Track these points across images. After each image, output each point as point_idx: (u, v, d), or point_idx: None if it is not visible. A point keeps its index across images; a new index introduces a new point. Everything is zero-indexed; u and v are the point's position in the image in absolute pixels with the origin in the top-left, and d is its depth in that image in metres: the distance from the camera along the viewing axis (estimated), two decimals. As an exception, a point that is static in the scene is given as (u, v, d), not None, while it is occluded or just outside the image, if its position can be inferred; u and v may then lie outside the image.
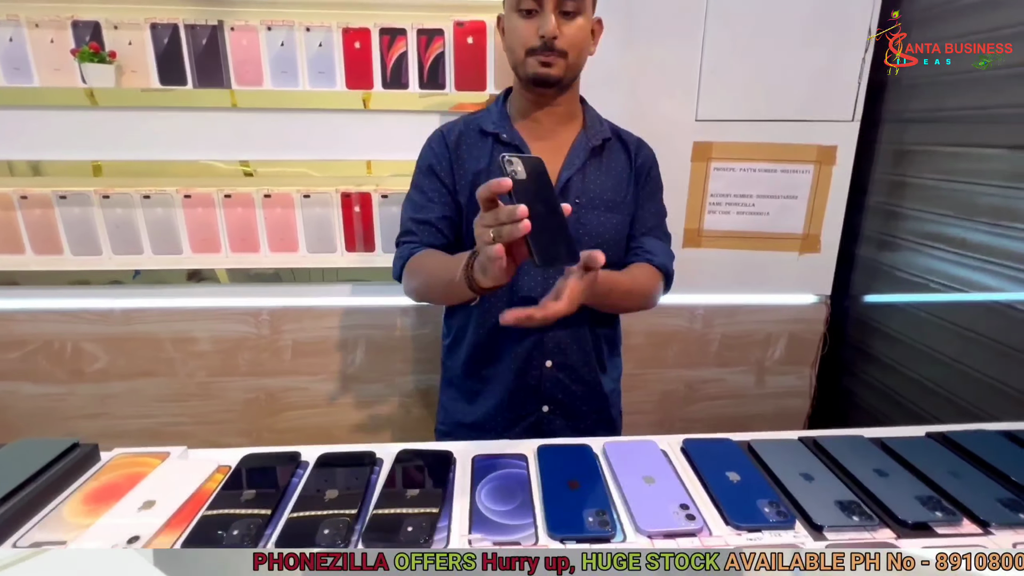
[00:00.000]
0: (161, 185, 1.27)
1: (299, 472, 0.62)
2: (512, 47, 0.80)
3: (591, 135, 0.86)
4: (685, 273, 1.34)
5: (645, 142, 0.92)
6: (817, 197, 1.29)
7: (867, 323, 1.37)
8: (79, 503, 0.57)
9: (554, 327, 0.82)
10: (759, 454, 0.66)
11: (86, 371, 1.32)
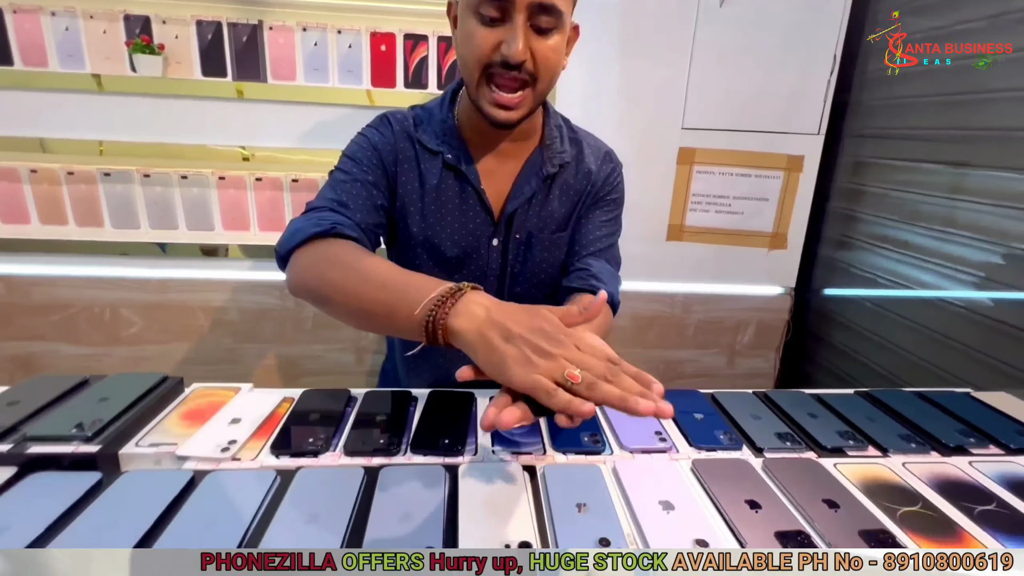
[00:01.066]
0: (197, 167, 1.39)
1: (351, 404, 0.77)
2: (465, 58, 0.64)
3: (548, 157, 0.76)
4: (668, 263, 1.52)
5: (612, 157, 0.82)
6: (785, 200, 1.47)
7: (825, 313, 1.55)
8: (177, 419, 0.71)
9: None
10: (720, 402, 0.82)
11: (122, 335, 1.44)
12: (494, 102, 0.65)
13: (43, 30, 1.27)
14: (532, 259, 0.79)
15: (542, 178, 0.76)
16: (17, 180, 1.36)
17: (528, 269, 0.80)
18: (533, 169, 0.76)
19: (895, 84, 1.29)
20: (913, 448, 0.71)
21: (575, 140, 0.80)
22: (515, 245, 0.79)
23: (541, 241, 0.79)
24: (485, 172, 0.75)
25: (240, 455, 0.64)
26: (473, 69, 0.64)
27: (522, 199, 0.76)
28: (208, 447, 0.63)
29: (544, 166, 0.76)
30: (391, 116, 0.77)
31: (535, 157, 0.76)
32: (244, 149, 1.38)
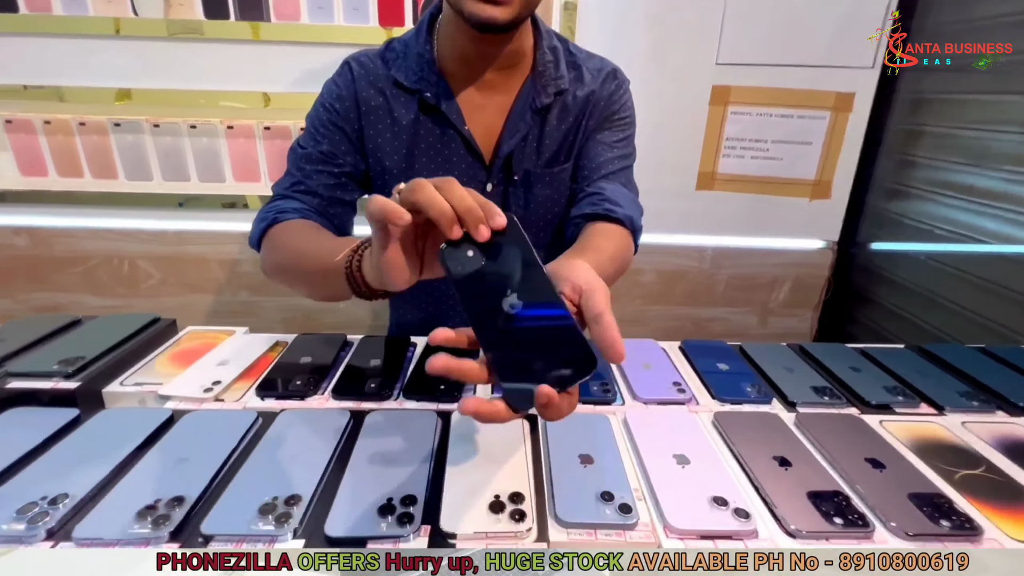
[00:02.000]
0: (206, 116, 1.35)
1: (346, 348, 0.72)
2: None
3: (541, 86, 0.67)
4: (697, 215, 1.41)
5: (617, 74, 0.72)
6: (831, 144, 1.33)
7: (871, 269, 1.42)
8: (166, 360, 0.68)
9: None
10: (748, 353, 0.74)
11: (141, 286, 1.45)
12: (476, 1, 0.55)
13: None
14: (534, 199, 0.72)
15: (535, 110, 0.68)
16: (33, 132, 1.35)
17: (532, 211, 0.73)
18: (526, 102, 0.68)
19: (966, 5, 1.12)
20: (975, 406, 0.62)
21: (574, 64, 0.70)
22: (514, 189, 0.72)
23: (540, 178, 0.71)
24: (470, 110, 0.67)
25: (224, 396, 0.60)
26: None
27: (516, 138, 0.68)
28: (191, 387, 0.60)
29: (538, 97, 0.67)
30: (353, 61, 0.69)
31: (527, 88, 0.68)
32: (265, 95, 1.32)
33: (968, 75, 1.16)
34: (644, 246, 0.79)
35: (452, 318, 0.83)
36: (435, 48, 0.66)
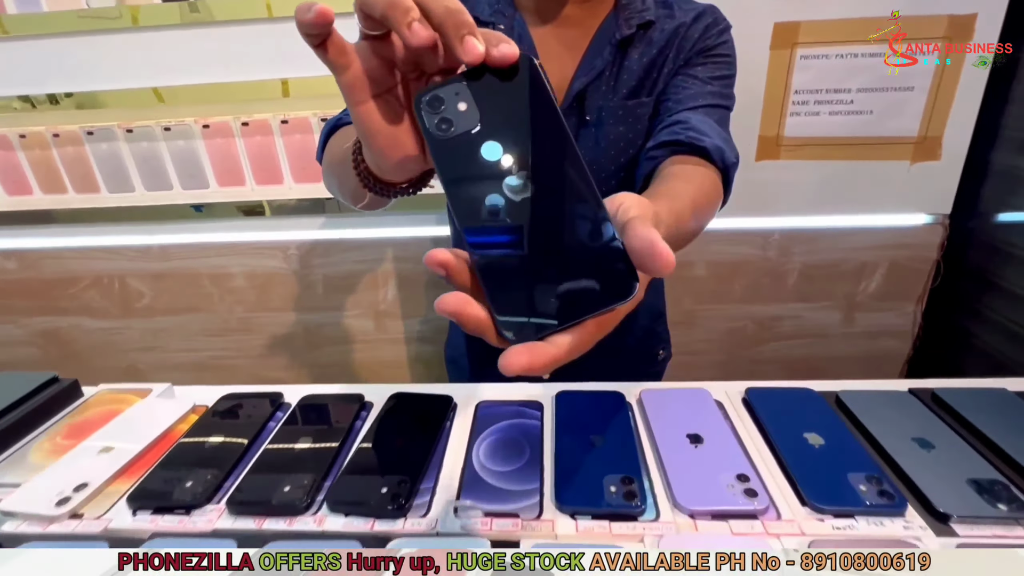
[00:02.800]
0: (180, 115, 1.20)
1: (278, 415, 0.54)
2: None
3: (623, 20, 0.60)
4: (758, 192, 1.13)
5: (716, 10, 0.63)
6: (942, 88, 1.01)
7: (998, 247, 1.09)
8: (48, 443, 0.52)
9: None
10: (851, 410, 0.50)
11: (135, 306, 1.35)
12: None
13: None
14: (605, 138, 0.63)
15: (615, 44, 0.61)
16: (10, 147, 1.26)
17: (603, 152, 0.64)
18: (606, 37, 0.61)
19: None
20: None
21: (663, 3, 0.63)
22: (585, 130, 0.63)
23: (613, 112, 0.62)
24: (545, 44, 0.62)
25: (85, 509, 0.43)
26: None
27: (592, 74, 0.61)
28: (44, 499, 0.44)
29: (619, 30, 0.61)
30: None
31: (608, 23, 0.62)
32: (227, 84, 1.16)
33: None
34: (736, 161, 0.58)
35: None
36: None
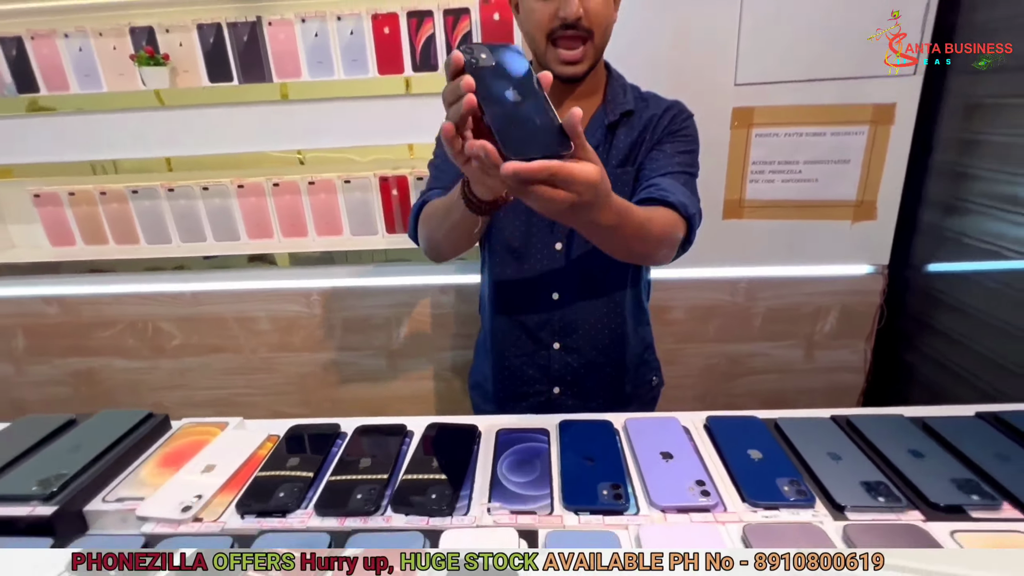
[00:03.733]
0: (217, 177, 1.36)
1: (338, 442, 0.68)
2: (530, 32, 0.74)
3: (609, 110, 0.79)
4: (726, 245, 1.31)
5: (680, 104, 0.82)
6: (873, 160, 1.21)
7: (930, 294, 1.27)
8: (155, 465, 0.65)
9: (563, 302, 0.82)
10: (785, 432, 0.65)
11: (166, 347, 1.47)
12: (561, 59, 0.73)
13: (60, 53, 1.27)
14: None
15: (605, 127, 0.79)
16: (59, 203, 1.40)
17: None
18: (597, 122, 0.79)
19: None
20: (1072, 506, 0.51)
21: (641, 98, 0.82)
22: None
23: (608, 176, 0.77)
24: None
25: (203, 514, 0.56)
26: (539, 38, 0.73)
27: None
28: (169, 506, 0.57)
29: (607, 116, 0.79)
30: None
31: (599, 112, 0.80)
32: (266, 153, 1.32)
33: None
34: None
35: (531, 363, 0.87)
36: None
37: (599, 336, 0.85)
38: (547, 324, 0.85)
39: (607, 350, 0.86)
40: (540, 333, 0.85)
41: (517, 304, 0.86)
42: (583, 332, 0.85)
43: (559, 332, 0.85)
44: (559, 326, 0.85)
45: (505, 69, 0.47)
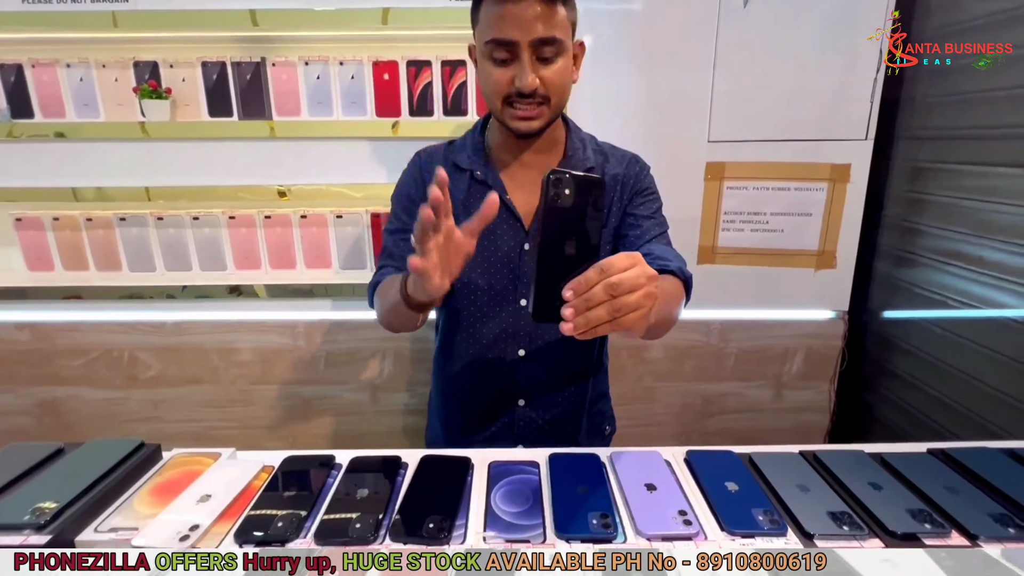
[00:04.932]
0: (208, 207, 1.38)
1: (333, 473, 0.69)
2: (487, 94, 0.75)
3: (571, 167, 0.76)
4: (700, 288, 1.38)
5: (639, 160, 0.86)
6: (832, 214, 1.32)
7: (886, 339, 1.37)
8: (147, 495, 0.65)
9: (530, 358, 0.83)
10: (759, 466, 0.69)
11: (140, 378, 1.44)
12: (516, 116, 0.74)
13: (59, 82, 1.29)
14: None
15: None
16: (41, 228, 1.39)
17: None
18: None
19: (957, 77, 1.13)
20: (1011, 534, 0.57)
21: (600, 151, 0.85)
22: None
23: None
24: (512, 184, 0.82)
25: (201, 543, 0.57)
26: (495, 101, 0.74)
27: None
28: (165, 535, 0.57)
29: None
30: (422, 152, 0.87)
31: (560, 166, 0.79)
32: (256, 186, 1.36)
33: (958, 143, 1.16)
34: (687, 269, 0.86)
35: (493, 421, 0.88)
36: (486, 140, 0.84)
37: (565, 391, 0.87)
38: (512, 382, 0.85)
39: (571, 405, 0.88)
40: (504, 391, 0.86)
41: (480, 362, 0.85)
42: (549, 388, 0.86)
43: (524, 391, 0.86)
44: (524, 384, 0.85)
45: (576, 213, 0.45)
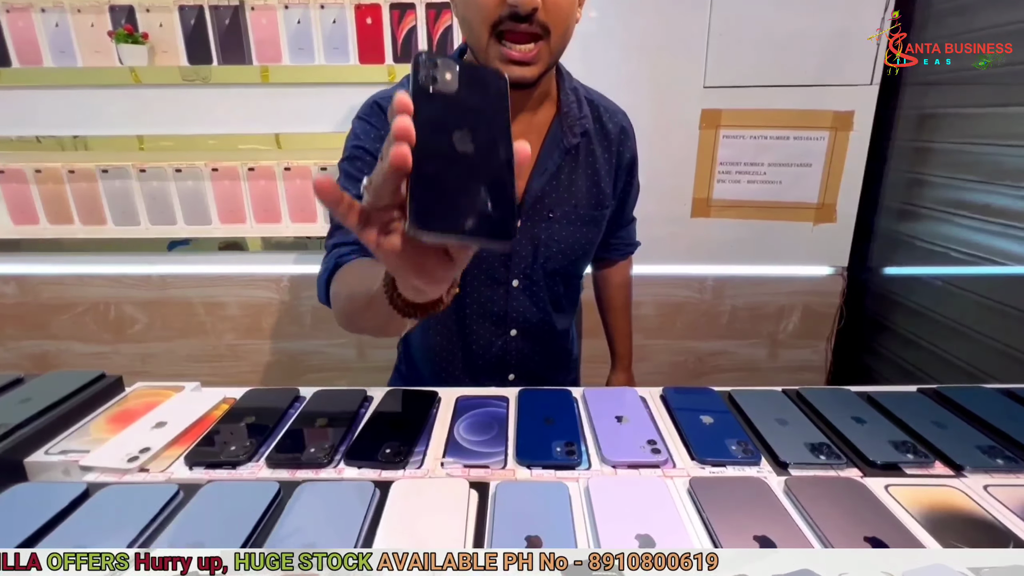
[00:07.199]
0: (191, 159, 1.35)
1: (296, 406, 0.67)
2: (468, 20, 0.58)
3: (567, 128, 0.70)
4: (695, 243, 1.34)
5: (627, 123, 0.78)
6: (832, 165, 1.26)
7: (886, 296, 1.33)
8: (104, 423, 0.64)
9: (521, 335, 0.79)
10: (738, 403, 0.67)
11: (127, 332, 1.43)
12: (507, 58, 0.58)
13: (35, 27, 1.26)
14: (572, 236, 0.74)
15: (565, 150, 0.70)
16: (24, 181, 1.37)
17: (569, 246, 0.75)
18: (555, 141, 0.70)
19: (968, 15, 1.06)
20: (999, 465, 0.54)
21: (591, 102, 0.74)
22: (548, 224, 0.73)
23: (581, 217, 0.74)
24: None
25: (150, 465, 0.55)
26: (480, 29, 0.57)
27: (547, 175, 0.70)
28: (116, 457, 0.55)
29: (565, 136, 0.70)
30: (381, 102, 0.69)
31: (554, 128, 0.70)
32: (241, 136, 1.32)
33: (971, 87, 1.10)
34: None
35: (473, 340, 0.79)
36: None
37: (553, 357, 0.86)
38: (503, 357, 0.81)
39: (557, 365, 0.88)
40: (494, 367, 0.81)
41: (471, 342, 0.79)
42: (539, 360, 0.83)
43: (515, 366, 0.82)
44: (516, 360, 0.81)
45: (469, 101, 0.33)
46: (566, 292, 0.82)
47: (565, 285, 0.80)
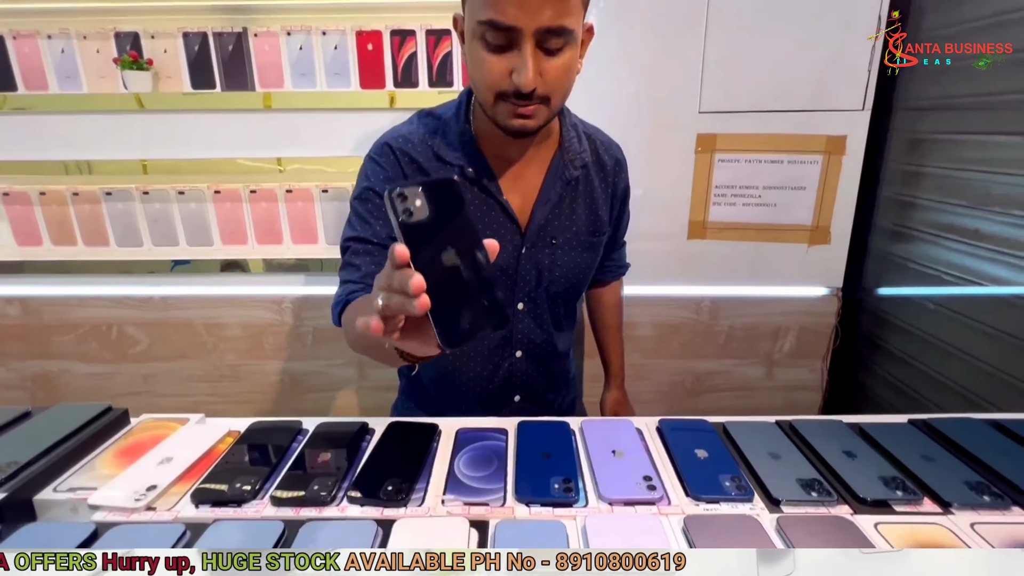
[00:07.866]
0: (194, 182, 1.36)
1: (299, 438, 0.68)
2: (476, 83, 0.63)
3: (568, 161, 0.75)
4: (691, 264, 1.36)
5: (621, 156, 0.83)
6: (826, 188, 1.28)
7: (880, 316, 1.34)
8: (111, 457, 0.65)
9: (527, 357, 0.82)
10: (732, 435, 0.68)
11: (129, 352, 1.44)
12: (511, 115, 0.63)
13: (41, 53, 1.28)
14: (573, 260, 0.79)
15: (566, 182, 0.76)
16: (29, 203, 1.38)
17: (571, 270, 0.79)
18: (557, 174, 0.75)
19: (957, 43, 1.08)
20: (986, 502, 0.55)
21: (589, 136, 0.80)
22: (551, 250, 0.77)
23: (581, 243, 0.79)
24: (507, 181, 0.74)
25: (157, 503, 0.57)
26: (486, 94, 0.63)
27: (550, 205, 0.75)
28: (122, 495, 0.57)
29: (566, 169, 0.76)
30: (392, 143, 0.74)
31: (556, 161, 0.75)
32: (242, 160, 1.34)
33: (961, 113, 1.12)
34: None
35: (479, 363, 0.83)
36: (473, 128, 0.73)
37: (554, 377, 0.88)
38: (509, 379, 0.83)
39: (558, 385, 0.90)
40: (501, 389, 0.83)
41: (478, 364, 0.82)
42: (542, 380, 0.86)
43: (520, 386, 0.85)
44: (520, 381, 0.84)
45: (442, 219, 0.39)
46: (566, 313, 0.86)
47: (565, 307, 0.85)
